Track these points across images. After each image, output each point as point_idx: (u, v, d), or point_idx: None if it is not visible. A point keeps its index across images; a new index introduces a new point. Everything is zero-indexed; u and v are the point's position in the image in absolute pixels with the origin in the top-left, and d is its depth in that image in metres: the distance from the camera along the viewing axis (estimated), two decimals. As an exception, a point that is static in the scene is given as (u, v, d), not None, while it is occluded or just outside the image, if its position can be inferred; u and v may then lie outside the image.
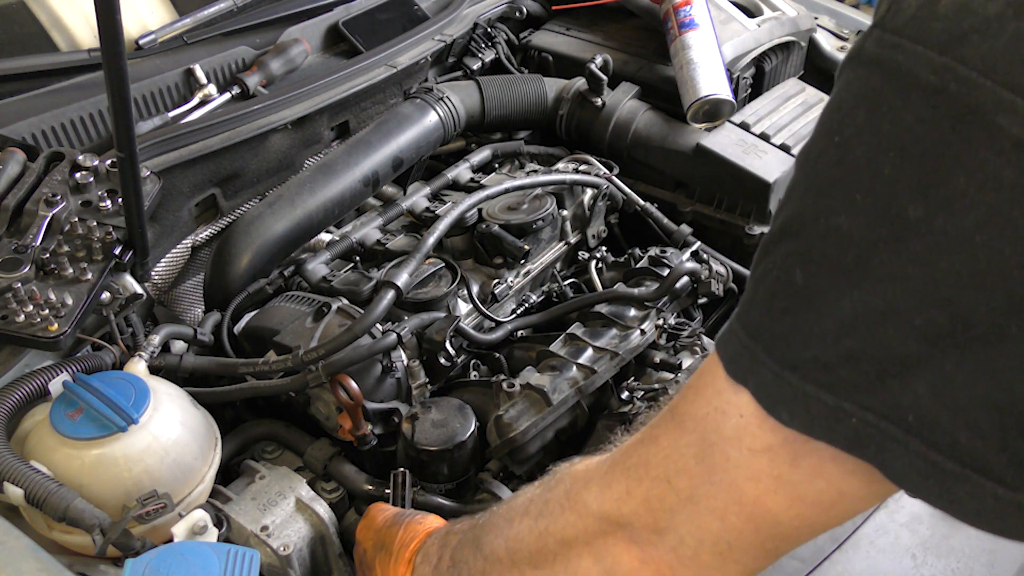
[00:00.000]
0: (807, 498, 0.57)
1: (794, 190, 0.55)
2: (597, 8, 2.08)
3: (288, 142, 1.55)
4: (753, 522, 0.61)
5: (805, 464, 0.56)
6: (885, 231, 0.48)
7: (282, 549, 1.06)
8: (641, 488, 0.67)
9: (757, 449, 0.58)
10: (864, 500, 0.57)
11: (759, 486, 0.59)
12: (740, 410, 0.58)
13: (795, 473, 0.56)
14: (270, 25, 1.70)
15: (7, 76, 1.41)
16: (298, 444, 1.22)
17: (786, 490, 0.58)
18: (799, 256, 0.53)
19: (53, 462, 0.97)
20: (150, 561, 0.85)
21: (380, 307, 1.19)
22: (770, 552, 0.63)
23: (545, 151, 1.80)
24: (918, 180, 0.47)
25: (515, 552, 0.78)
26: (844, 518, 0.60)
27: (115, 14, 0.89)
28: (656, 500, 0.65)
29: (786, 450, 0.56)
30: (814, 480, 0.56)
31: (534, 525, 0.77)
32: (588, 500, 0.72)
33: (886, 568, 1.05)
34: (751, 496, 0.59)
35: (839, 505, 0.57)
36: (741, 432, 0.59)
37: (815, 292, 0.52)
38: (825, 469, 0.55)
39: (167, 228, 1.39)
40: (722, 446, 0.60)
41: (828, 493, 0.56)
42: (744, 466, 0.59)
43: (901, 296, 0.48)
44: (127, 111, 0.97)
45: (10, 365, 1.09)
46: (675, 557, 0.65)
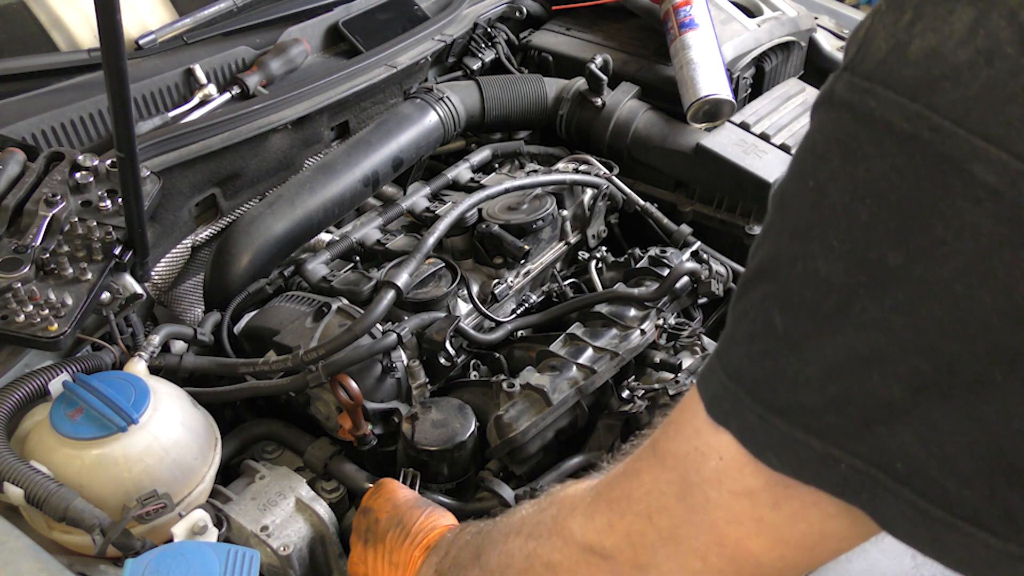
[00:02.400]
0: (789, 540, 0.57)
1: (770, 230, 0.54)
2: (597, 8, 2.08)
3: (288, 142, 1.55)
4: (735, 564, 0.60)
5: (787, 507, 0.55)
6: (865, 278, 0.48)
7: (282, 549, 1.06)
8: (623, 523, 0.66)
9: (738, 492, 0.57)
10: (847, 540, 0.57)
11: (740, 528, 0.58)
12: (720, 452, 0.57)
13: (777, 516, 0.56)
14: (270, 25, 1.70)
15: (7, 76, 1.41)
16: (298, 444, 1.22)
17: (768, 532, 0.57)
18: (777, 299, 0.53)
19: (53, 462, 0.97)
20: (150, 561, 0.85)
21: (380, 307, 1.19)
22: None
23: (545, 151, 1.80)
24: (896, 227, 0.46)
25: (505, 568, 0.79)
26: (828, 558, 0.59)
27: (115, 14, 0.89)
28: (638, 536, 0.65)
29: (768, 494, 0.55)
30: (796, 523, 0.56)
31: (524, 545, 0.77)
32: (573, 528, 0.72)
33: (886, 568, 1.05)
34: (732, 538, 0.59)
35: (822, 546, 0.57)
36: (721, 474, 0.58)
37: (797, 337, 0.52)
38: (807, 513, 0.55)
39: (167, 228, 1.39)
40: (702, 487, 0.59)
41: (811, 535, 0.56)
42: (725, 508, 0.58)
43: (884, 343, 0.48)
44: (127, 111, 0.97)
45: (10, 365, 1.09)
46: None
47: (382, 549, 1.00)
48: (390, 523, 1.01)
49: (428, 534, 0.97)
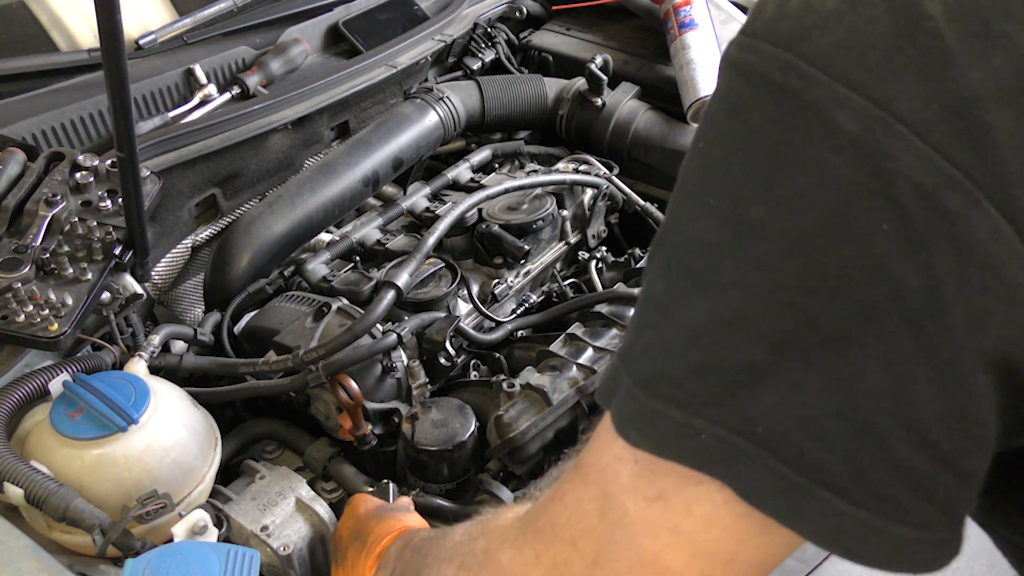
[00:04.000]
0: (706, 551, 0.52)
1: (670, 201, 0.54)
2: (597, 8, 2.08)
3: (288, 142, 1.55)
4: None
5: (699, 511, 0.51)
6: (731, 234, 0.47)
7: (282, 549, 1.06)
8: (549, 553, 0.61)
9: (652, 497, 0.53)
10: (764, 550, 0.53)
11: (657, 541, 0.53)
12: (636, 455, 0.53)
13: (691, 523, 0.52)
14: (270, 25, 1.70)
15: (7, 76, 1.41)
16: (298, 444, 1.22)
17: (684, 544, 0.53)
18: (661, 267, 0.52)
19: (53, 462, 0.97)
20: (150, 561, 0.85)
21: (380, 307, 1.19)
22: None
23: (545, 151, 1.80)
24: (762, 180, 0.46)
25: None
26: (750, 571, 0.54)
27: (115, 14, 0.89)
28: (563, 566, 0.60)
29: (679, 497, 0.52)
30: (710, 528, 0.51)
31: (456, 574, 0.74)
32: (503, 562, 0.67)
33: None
34: (651, 553, 0.54)
35: (741, 556, 0.52)
36: (637, 479, 0.54)
37: (669, 303, 0.51)
38: (719, 515, 0.51)
39: (167, 228, 1.39)
40: (621, 498, 0.55)
41: (726, 542, 0.52)
42: (641, 519, 0.54)
43: (746, 303, 0.47)
44: (127, 111, 0.97)
45: (10, 365, 1.09)
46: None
47: (346, 566, 0.98)
48: (352, 538, 0.99)
49: (381, 540, 0.95)
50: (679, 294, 0.50)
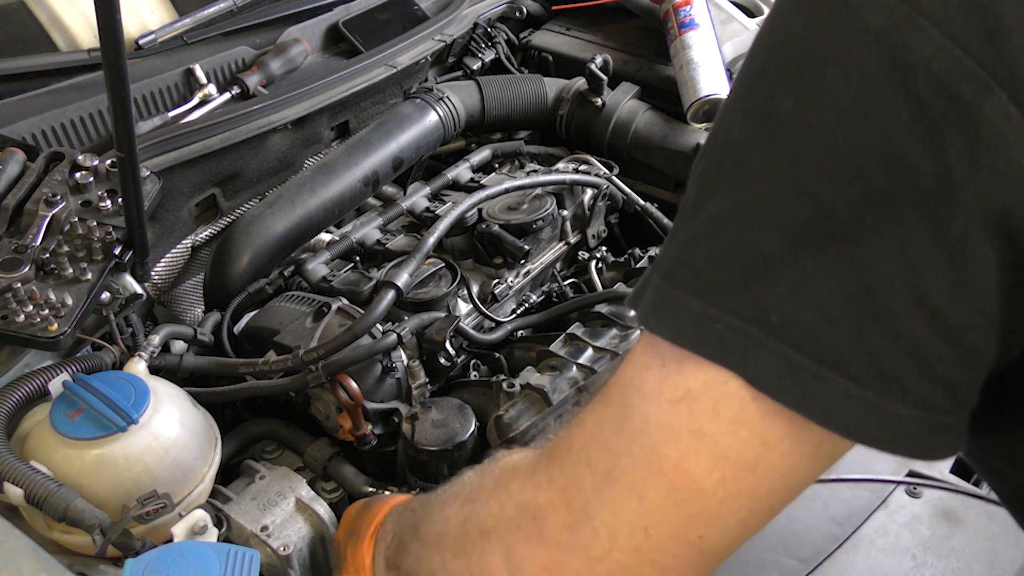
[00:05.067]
0: (730, 454, 0.53)
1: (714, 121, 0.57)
2: (597, 8, 2.08)
3: (288, 142, 1.55)
4: (673, 496, 0.55)
5: (725, 412, 0.52)
6: (761, 129, 0.50)
7: (282, 549, 1.06)
8: (562, 475, 0.62)
9: (677, 399, 0.54)
10: (788, 456, 0.53)
11: (679, 447, 0.54)
12: (663, 356, 0.54)
13: (716, 424, 0.52)
14: (270, 25, 1.70)
15: (7, 76, 1.41)
16: (298, 443, 1.22)
17: (708, 447, 0.53)
18: (697, 175, 0.55)
19: (53, 462, 0.97)
20: (150, 561, 0.85)
21: (380, 307, 1.19)
22: (693, 545, 0.56)
23: (545, 151, 1.80)
24: (794, 76, 0.49)
25: (442, 536, 0.75)
26: (774, 485, 0.55)
27: (115, 14, 0.89)
28: (574, 486, 0.60)
29: (706, 396, 0.52)
30: (736, 430, 0.52)
31: (461, 510, 0.73)
32: (513, 488, 0.67)
33: (886, 568, 1.05)
34: (672, 460, 0.54)
35: (765, 461, 0.53)
36: (663, 382, 0.54)
37: (700, 202, 0.53)
38: (746, 415, 0.51)
39: (167, 228, 1.39)
40: (642, 407, 0.56)
41: (752, 446, 0.52)
42: (664, 424, 0.54)
43: (767, 193, 0.50)
44: (127, 111, 0.97)
45: (10, 365, 1.09)
46: (584, 560, 0.59)
47: (346, 564, 0.97)
48: (347, 536, 0.99)
49: (373, 521, 0.94)
50: (709, 192, 0.53)
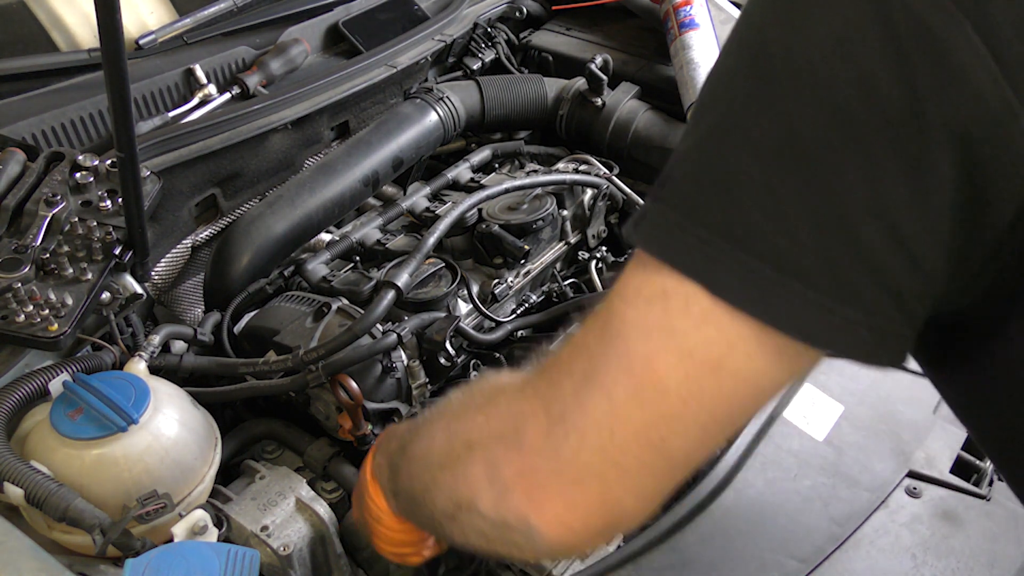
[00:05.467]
0: (695, 353, 0.56)
1: None
2: (597, 8, 2.08)
3: (288, 142, 1.55)
4: (639, 394, 0.58)
5: (696, 309, 0.55)
6: (747, 57, 0.55)
7: (282, 549, 1.06)
8: (547, 384, 0.64)
9: (652, 297, 0.57)
10: (751, 360, 0.56)
11: (649, 343, 0.57)
12: (645, 265, 0.58)
13: (686, 321, 0.56)
14: (270, 25, 1.70)
15: (7, 76, 1.41)
16: (298, 443, 1.22)
17: (675, 344, 0.56)
18: (696, 102, 0.60)
19: (53, 462, 0.97)
20: (150, 561, 0.85)
21: (380, 307, 1.19)
22: (655, 447, 0.59)
23: (545, 151, 1.80)
24: (784, 12, 0.53)
25: (429, 452, 0.77)
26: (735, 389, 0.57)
27: (115, 14, 0.89)
28: (555, 393, 0.63)
29: (679, 293, 0.56)
30: (703, 327, 0.55)
31: (448, 426, 0.75)
32: (500, 403, 0.70)
33: (886, 568, 1.05)
34: (641, 357, 0.57)
35: (728, 362, 0.56)
36: (641, 284, 0.58)
37: (692, 126, 0.58)
38: (715, 313, 0.55)
39: (167, 228, 1.39)
40: (621, 309, 0.59)
41: (716, 345, 0.55)
42: (638, 323, 0.58)
43: (746, 114, 0.54)
44: (127, 111, 0.97)
45: (10, 365, 1.09)
46: (554, 462, 0.62)
47: (367, 514, 0.97)
48: (358, 503, 1.00)
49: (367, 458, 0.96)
50: (699, 116, 0.58)
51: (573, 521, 0.63)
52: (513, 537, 0.67)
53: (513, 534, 0.67)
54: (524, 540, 0.66)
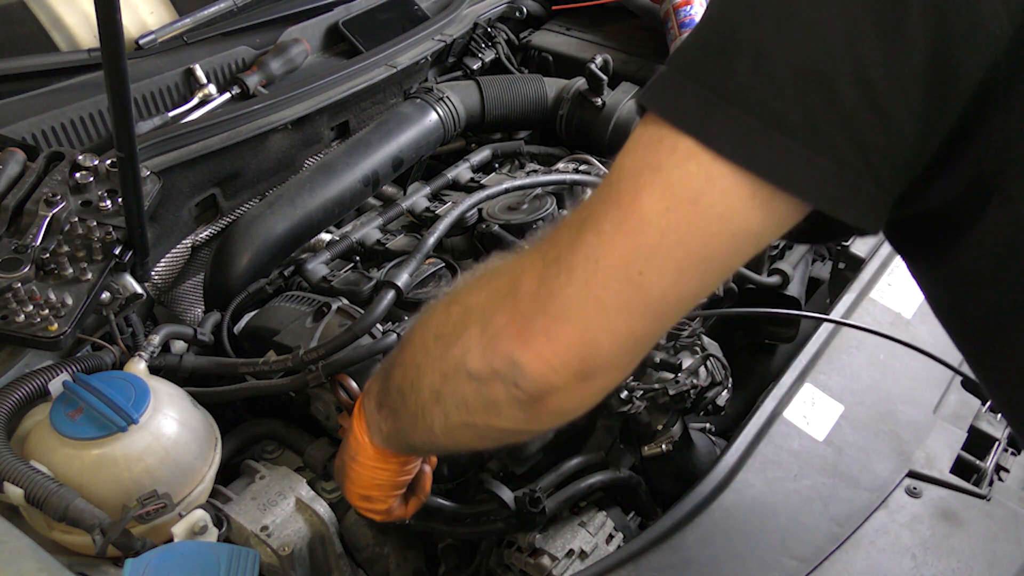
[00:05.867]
0: (677, 188, 0.61)
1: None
2: (597, 8, 2.08)
3: (288, 142, 1.55)
4: (623, 226, 0.63)
5: (683, 148, 0.61)
6: None
7: (282, 549, 1.06)
8: (544, 240, 0.69)
9: (648, 142, 0.63)
10: (726, 197, 0.60)
11: (638, 180, 0.62)
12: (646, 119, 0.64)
13: (672, 158, 0.61)
14: (270, 25, 1.70)
15: (7, 76, 1.41)
16: (298, 443, 1.22)
17: (660, 179, 0.62)
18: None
19: (53, 462, 0.97)
20: (150, 561, 0.85)
21: (380, 307, 1.19)
22: (633, 281, 0.63)
23: (545, 151, 1.80)
24: None
25: (426, 327, 0.80)
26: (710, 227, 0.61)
27: (115, 14, 0.89)
28: (552, 244, 0.67)
29: (671, 136, 0.61)
30: (687, 163, 0.61)
31: (447, 304, 0.79)
32: (503, 267, 0.73)
33: (886, 568, 1.05)
34: (629, 192, 0.63)
35: (705, 200, 0.61)
36: (640, 134, 0.64)
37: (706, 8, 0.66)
38: (698, 155, 0.60)
39: (167, 228, 1.39)
40: (619, 161, 0.65)
41: (696, 180, 0.60)
42: (632, 165, 0.64)
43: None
44: (127, 111, 0.97)
45: (10, 365, 1.09)
46: (542, 303, 0.66)
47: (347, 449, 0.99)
48: (342, 448, 1.01)
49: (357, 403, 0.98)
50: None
51: (552, 357, 0.66)
52: (495, 392, 0.70)
53: (496, 387, 0.70)
54: (506, 391, 0.69)
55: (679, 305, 0.66)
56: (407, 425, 0.85)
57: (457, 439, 0.80)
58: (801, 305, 1.66)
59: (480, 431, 0.76)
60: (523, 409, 0.70)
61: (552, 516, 1.15)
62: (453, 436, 0.79)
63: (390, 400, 0.87)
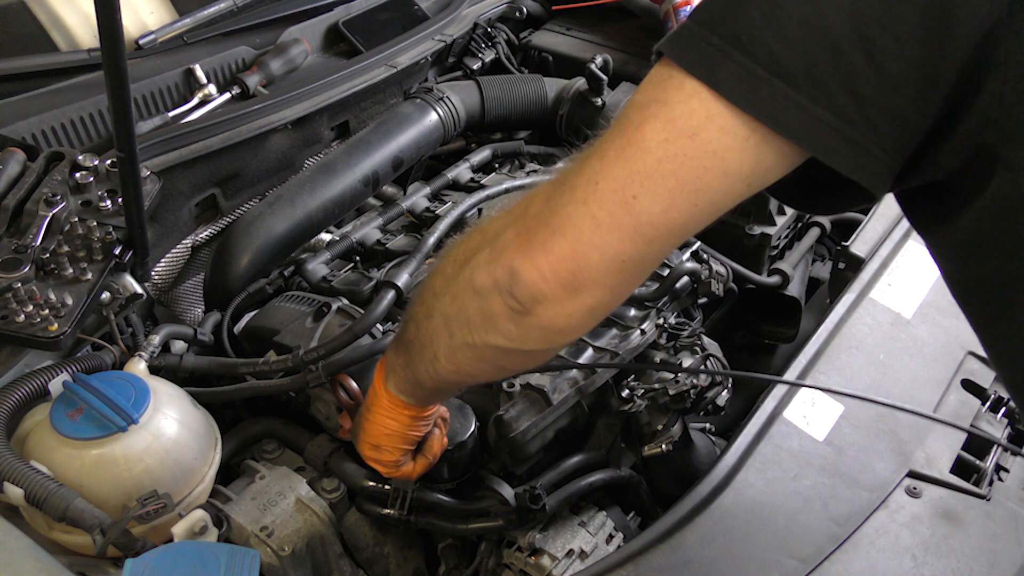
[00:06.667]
0: (678, 121, 0.65)
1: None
2: (597, 8, 2.08)
3: (288, 142, 1.55)
4: (624, 151, 0.67)
5: (689, 86, 0.65)
6: None
7: (282, 549, 1.06)
8: (562, 173, 0.73)
9: (658, 81, 0.67)
10: (724, 135, 0.64)
11: (644, 112, 0.67)
12: (660, 65, 0.68)
13: (678, 94, 0.65)
14: (270, 25, 1.70)
15: (7, 76, 1.41)
16: (297, 441, 1.22)
17: (664, 112, 0.66)
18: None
19: (53, 462, 0.97)
20: (150, 561, 0.85)
21: (380, 307, 1.19)
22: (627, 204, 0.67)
23: (545, 151, 1.80)
24: None
25: (449, 255, 0.84)
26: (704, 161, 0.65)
27: (115, 14, 0.89)
28: (562, 174, 0.72)
29: (678, 75, 0.65)
30: (690, 99, 0.65)
31: (471, 233, 0.83)
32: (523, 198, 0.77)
33: (886, 568, 1.05)
34: (635, 122, 0.67)
35: (703, 135, 0.64)
36: (651, 76, 0.68)
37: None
38: (702, 93, 0.64)
39: (167, 228, 1.39)
40: (631, 100, 0.69)
41: (697, 114, 0.64)
42: (640, 100, 0.68)
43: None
44: (127, 111, 0.97)
45: (10, 365, 1.09)
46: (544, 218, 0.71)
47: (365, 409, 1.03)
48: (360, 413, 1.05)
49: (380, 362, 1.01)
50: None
51: (545, 266, 0.71)
52: (492, 305, 0.74)
53: (494, 299, 0.74)
54: (502, 301, 0.73)
55: (668, 233, 0.69)
56: (416, 357, 0.89)
57: (458, 361, 0.83)
58: (801, 305, 1.66)
59: (479, 351, 0.80)
60: (515, 322, 0.74)
61: (552, 514, 1.15)
62: (454, 358, 0.83)
63: (406, 333, 0.91)
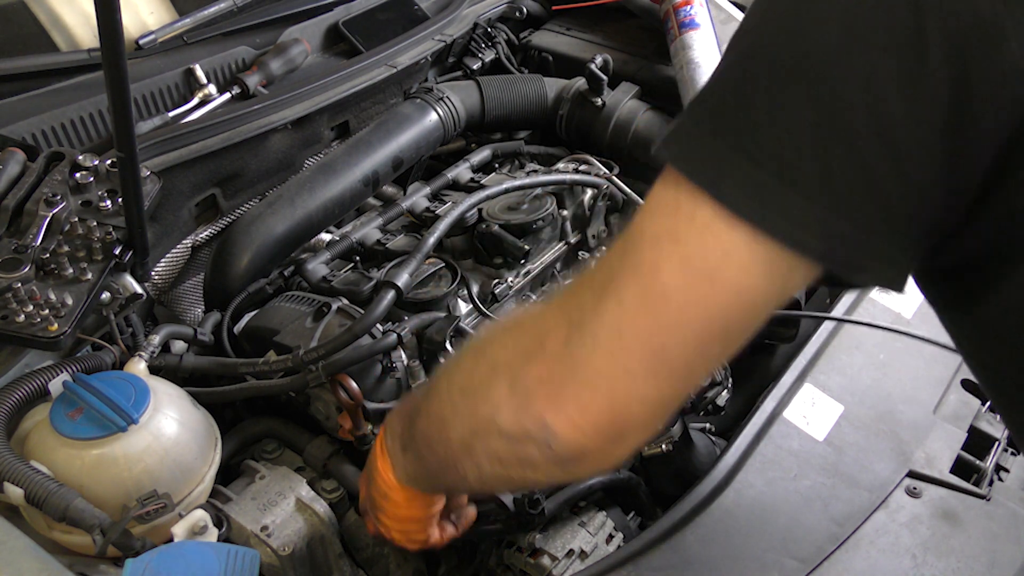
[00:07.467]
0: (695, 260, 0.61)
1: None
2: (597, 8, 2.08)
3: (288, 142, 1.55)
4: (645, 299, 0.63)
5: (700, 219, 0.60)
6: None
7: (282, 549, 1.06)
8: (571, 298, 0.69)
9: (667, 207, 0.62)
10: (744, 272, 0.60)
11: (658, 249, 0.62)
12: (665, 178, 0.63)
13: (690, 228, 0.61)
14: (270, 25, 1.70)
15: (7, 76, 1.41)
16: (297, 441, 1.22)
17: (679, 251, 0.61)
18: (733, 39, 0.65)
19: (53, 462, 0.97)
20: (150, 561, 0.85)
21: (380, 307, 1.19)
22: (657, 354, 0.64)
23: (545, 151, 1.80)
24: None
25: (451, 383, 0.80)
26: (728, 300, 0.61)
27: (115, 14, 0.89)
28: (576, 304, 0.67)
29: (688, 203, 0.60)
30: (704, 235, 0.60)
31: (474, 355, 0.79)
32: (525, 321, 0.74)
33: (886, 568, 1.05)
34: (650, 262, 0.62)
35: (722, 274, 0.60)
36: (659, 196, 0.63)
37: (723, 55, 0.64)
38: (715, 223, 0.59)
39: (167, 228, 1.39)
40: (640, 222, 0.64)
41: (714, 252, 0.60)
42: (652, 231, 0.63)
43: (763, 36, 0.60)
44: (127, 111, 0.97)
45: (10, 365, 1.09)
46: (570, 366, 0.66)
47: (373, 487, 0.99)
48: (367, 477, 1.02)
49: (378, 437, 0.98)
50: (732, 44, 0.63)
51: (585, 424, 0.67)
52: (528, 451, 0.70)
53: (529, 446, 0.70)
54: (540, 451, 0.69)
55: (705, 368, 0.67)
56: (437, 471, 0.86)
57: (493, 486, 0.82)
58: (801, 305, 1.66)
59: (516, 482, 0.77)
60: (559, 466, 0.71)
61: (552, 516, 1.15)
62: (488, 484, 0.80)
63: (415, 445, 0.88)
